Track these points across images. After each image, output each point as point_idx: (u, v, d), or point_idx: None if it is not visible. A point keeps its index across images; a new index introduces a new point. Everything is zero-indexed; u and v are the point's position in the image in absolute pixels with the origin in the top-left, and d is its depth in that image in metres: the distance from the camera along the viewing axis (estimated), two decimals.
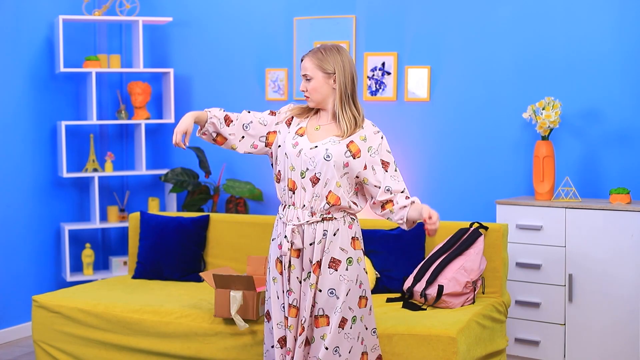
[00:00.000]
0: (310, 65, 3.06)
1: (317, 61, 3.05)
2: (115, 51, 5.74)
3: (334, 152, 3.00)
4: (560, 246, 4.34)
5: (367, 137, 3.06)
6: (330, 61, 3.05)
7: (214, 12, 5.61)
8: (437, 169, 5.00)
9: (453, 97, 4.95)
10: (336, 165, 2.99)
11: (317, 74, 3.05)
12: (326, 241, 3.02)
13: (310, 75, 3.06)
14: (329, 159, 2.99)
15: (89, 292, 4.24)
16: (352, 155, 3.01)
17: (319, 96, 3.07)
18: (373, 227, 4.20)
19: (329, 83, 3.06)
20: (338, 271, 3.01)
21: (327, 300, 3.01)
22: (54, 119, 5.40)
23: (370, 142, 3.05)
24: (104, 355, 3.95)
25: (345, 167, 3.01)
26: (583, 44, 4.61)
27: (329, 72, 3.05)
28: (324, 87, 3.06)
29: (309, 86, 3.07)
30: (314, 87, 3.06)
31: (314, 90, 3.06)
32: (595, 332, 4.25)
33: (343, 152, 3.00)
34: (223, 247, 4.52)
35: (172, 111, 5.56)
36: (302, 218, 3.03)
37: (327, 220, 3.03)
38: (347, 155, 3.01)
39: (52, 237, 5.42)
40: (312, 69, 3.06)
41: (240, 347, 3.70)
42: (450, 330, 3.41)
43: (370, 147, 3.05)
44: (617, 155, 4.55)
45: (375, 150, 3.05)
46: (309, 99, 3.09)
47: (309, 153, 3.02)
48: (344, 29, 5.17)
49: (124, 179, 5.83)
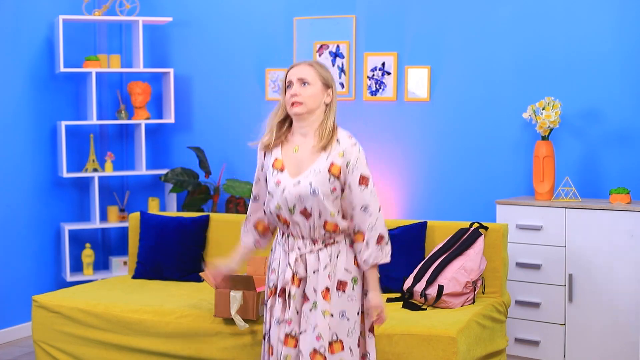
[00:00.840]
0: (312, 73, 2.95)
1: (318, 71, 2.96)
2: (115, 51, 5.74)
3: (319, 184, 2.87)
4: (560, 246, 4.34)
5: (344, 151, 2.92)
6: (329, 75, 2.99)
7: (214, 12, 5.61)
8: (437, 169, 5.00)
9: (453, 97, 4.95)
10: (325, 196, 2.88)
11: (317, 82, 2.94)
12: (330, 266, 2.93)
13: (310, 81, 2.93)
14: (316, 194, 2.87)
15: (89, 292, 4.24)
16: (336, 177, 2.90)
17: (312, 105, 2.93)
18: None
19: (323, 96, 2.96)
20: (346, 292, 2.94)
21: (339, 324, 2.93)
22: (54, 119, 5.39)
23: (349, 158, 2.92)
24: (104, 355, 3.95)
25: (334, 192, 2.91)
26: (583, 44, 4.61)
27: (327, 84, 2.97)
28: (319, 98, 2.94)
29: (306, 92, 2.93)
30: (312, 94, 2.93)
31: (311, 97, 2.93)
32: (596, 332, 4.25)
33: (327, 179, 2.89)
34: (223, 247, 4.51)
35: (172, 111, 5.55)
36: (303, 248, 2.94)
37: (330, 246, 2.95)
38: (331, 181, 2.89)
39: (52, 237, 5.42)
40: (313, 77, 2.94)
41: (240, 347, 3.69)
42: (450, 330, 3.41)
43: (348, 163, 2.92)
44: (617, 155, 4.55)
45: (354, 166, 2.91)
46: (301, 106, 2.92)
47: (293, 190, 2.90)
48: (344, 29, 5.16)
49: (124, 179, 5.83)
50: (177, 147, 5.75)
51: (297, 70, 2.96)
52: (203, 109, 5.69)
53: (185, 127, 5.73)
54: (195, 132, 5.71)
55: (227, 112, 5.60)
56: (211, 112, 5.68)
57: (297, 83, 2.93)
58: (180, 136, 5.74)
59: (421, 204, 5.03)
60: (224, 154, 5.59)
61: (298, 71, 2.95)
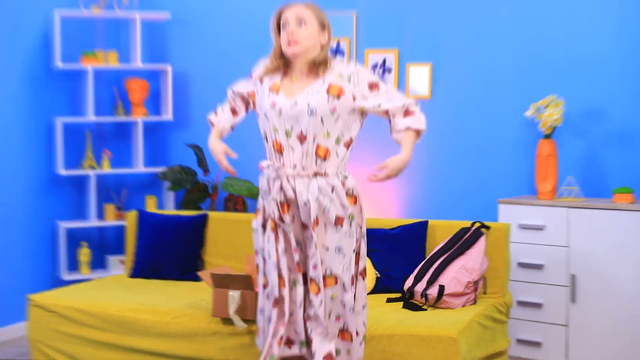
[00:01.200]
0: (309, 13, 2.96)
1: (315, 12, 2.98)
2: (112, 47, 5.71)
3: (317, 104, 2.90)
4: (563, 246, 4.31)
5: (341, 72, 2.97)
6: (324, 16, 3.00)
7: (212, 9, 5.60)
8: (439, 168, 4.98)
9: (454, 95, 4.93)
10: (324, 118, 2.90)
11: (314, 23, 2.96)
12: (324, 199, 2.93)
13: (308, 22, 2.95)
14: (314, 114, 2.90)
15: (85, 291, 4.23)
16: (336, 96, 2.92)
17: (309, 44, 2.95)
18: (373, 226, 4.18)
19: (320, 36, 2.98)
20: (343, 228, 2.94)
21: (334, 258, 2.93)
22: (50, 116, 5.36)
23: (348, 72, 2.96)
24: (101, 354, 3.94)
25: (334, 112, 2.92)
26: (585, 42, 4.59)
27: (324, 25, 2.99)
28: (315, 38, 2.96)
29: (303, 32, 2.94)
30: (309, 34, 2.94)
31: (308, 37, 2.94)
32: (599, 333, 4.22)
33: (326, 100, 2.91)
34: (221, 245, 4.51)
35: (170, 108, 5.53)
36: (291, 172, 2.97)
37: (322, 177, 2.94)
38: (330, 101, 2.91)
39: (48, 235, 5.39)
40: (310, 17, 2.95)
41: (238, 347, 3.68)
42: (451, 331, 3.40)
43: (349, 77, 2.95)
44: (621, 154, 4.53)
45: (356, 77, 2.96)
46: (297, 45, 2.94)
47: (290, 111, 2.93)
48: (344, 25, 5.13)
49: (121, 177, 5.80)
50: (175, 144, 5.73)
51: (293, 10, 2.97)
52: (201, 106, 5.65)
53: (183, 124, 5.71)
54: (193, 129, 5.68)
55: None
56: (209, 110, 5.59)
57: (294, 22, 2.94)
58: (179, 134, 5.72)
59: (422, 203, 5.01)
60: None
61: (295, 11, 2.96)
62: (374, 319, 3.51)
